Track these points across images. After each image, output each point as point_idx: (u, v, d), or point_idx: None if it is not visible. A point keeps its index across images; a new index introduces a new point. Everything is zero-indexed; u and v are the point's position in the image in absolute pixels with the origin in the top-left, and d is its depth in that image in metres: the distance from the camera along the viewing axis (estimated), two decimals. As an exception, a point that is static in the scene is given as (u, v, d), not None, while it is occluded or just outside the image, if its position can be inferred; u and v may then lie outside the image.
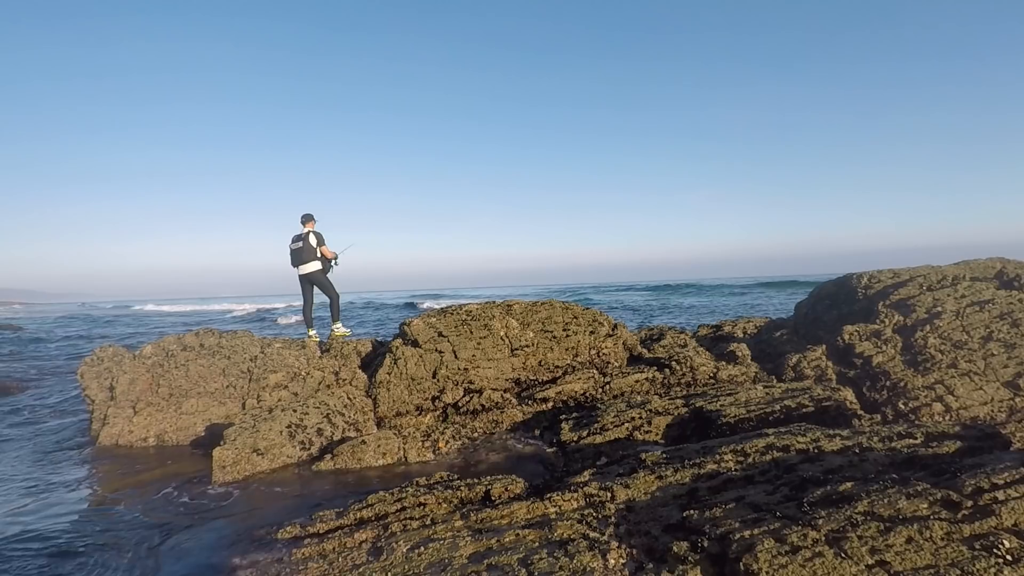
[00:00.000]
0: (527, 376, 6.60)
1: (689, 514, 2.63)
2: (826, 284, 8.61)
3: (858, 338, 6.72)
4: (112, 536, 4.03)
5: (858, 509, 2.33)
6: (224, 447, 5.01)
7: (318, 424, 5.59)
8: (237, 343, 7.21)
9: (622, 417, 5.02)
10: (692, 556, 2.35)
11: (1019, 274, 7.08)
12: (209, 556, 3.66)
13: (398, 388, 6.26)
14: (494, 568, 2.41)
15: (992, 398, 5.57)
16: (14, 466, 5.64)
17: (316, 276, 8.26)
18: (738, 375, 6.48)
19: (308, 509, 4.00)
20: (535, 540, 2.60)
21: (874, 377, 6.21)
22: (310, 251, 8.14)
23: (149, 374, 6.82)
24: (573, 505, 2.97)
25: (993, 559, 1.99)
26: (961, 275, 7.34)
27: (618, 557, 2.45)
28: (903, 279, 7.53)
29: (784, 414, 4.73)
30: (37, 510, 4.51)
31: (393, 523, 2.92)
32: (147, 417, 6.49)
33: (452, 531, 2.77)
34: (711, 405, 4.99)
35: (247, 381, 6.73)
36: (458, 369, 6.41)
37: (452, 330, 6.72)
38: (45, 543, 3.92)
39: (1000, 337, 6.12)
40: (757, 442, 3.29)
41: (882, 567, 2.04)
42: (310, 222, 8.32)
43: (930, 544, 2.10)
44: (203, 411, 6.52)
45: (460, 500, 3.23)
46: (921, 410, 5.56)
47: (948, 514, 2.24)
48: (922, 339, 6.31)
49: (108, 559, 3.70)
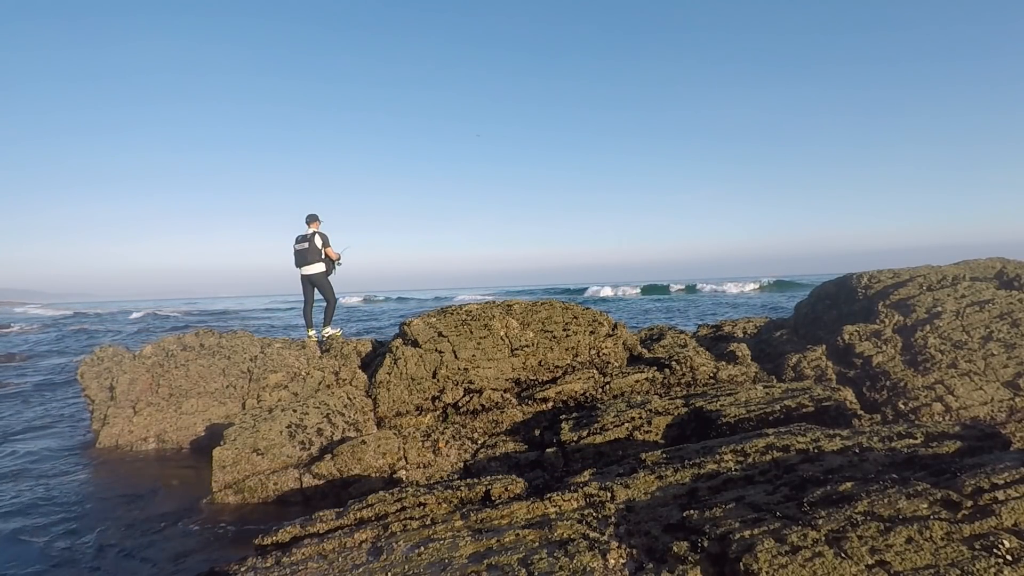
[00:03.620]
0: (527, 376, 6.60)
1: (689, 514, 2.63)
2: (826, 284, 8.62)
3: (858, 338, 6.72)
4: (110, 537, 4.03)
5: (858, 509, 2.33)
6: (224, 447, 5.01)
7: (318, 424, 5.59)
8: (237, 343, 7.22)
9: (622, 417, 5.01)
10: (692, 556, 2.35)
11: (1019, 274, 7.08)
12: (209, 556, 3.66)
13: (398, 388, 6.26)
14: (494, 568, 2.40)
15: (992, 398, 5.57)
16: (14, 466, 5.64)
17: (318, 278, 8.26)
18: (738, 375, 6.48)
19: (308, 509, 4.00)
20: (535, 540, 2.60)
21: (874, 377, 6.22)
22: (315, 252, 8.14)
23: (149, 374, 6.82)
24: (573, 505, 2.96)
25: (993, 559, 1.99)
26: (961, 275, 7.34)
27: (618, 557, 2.45)
28: (903, 279, 7.53)
29: (784, 414, 4.73)
30: (33, 512, 4.51)
31: (393, 523, 2.91)
32: (147, 417, 6.49)
33: (452, 531, 2.77)
34: (711, 405, 4.99)
35: (247, 381, 6.74)
36: (458, 369, 6.41)
37: (452, 330, 6.71)
38: (45, 544, 3.93)
39: (1000, 337, 6.12)
40: (757, 442, 3.29)
41: (882, 567, 2.04)
42: (315, 222, 8.32)
43: (930, 544, 2.10)
44: (203, 411, 6.53)
45: (460, 500, 3.23)
46: (921, 410, 5.57)
47: (948, 514, 2.24)
48: (922, 339, 6.31)
49: (107, 560, 3.70)
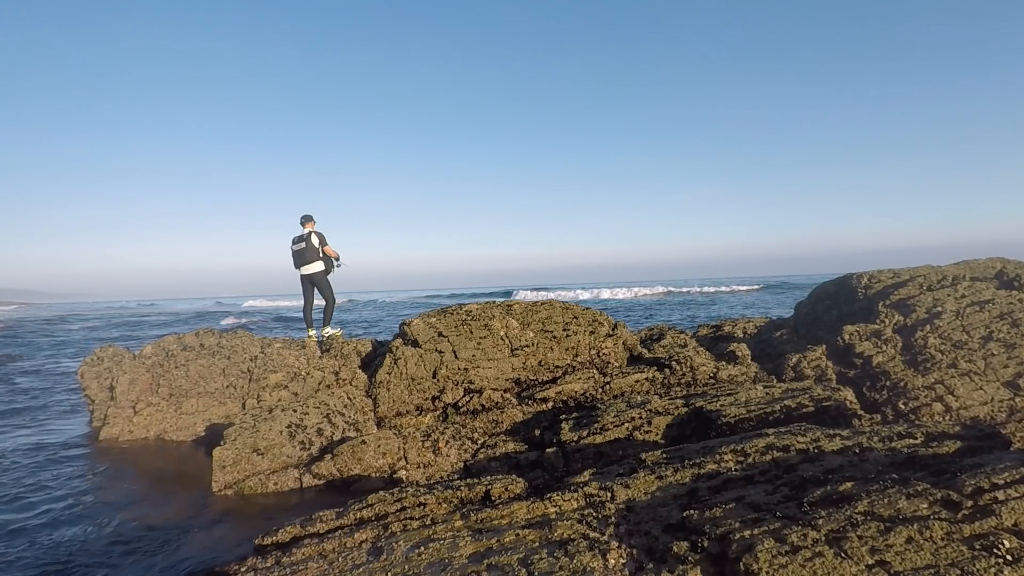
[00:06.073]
0: (527, 376, 6.60)
1: (689, 514, 2.63)
2: (826, 284, 8.61)
3: (858, 338, 6.72)
4: (111, 537, 4.02)
5: (858, 509, 2.33)
6: (224, 447, 5.02)
7: (318, 424, 5.59)
8: (237, 343, 7.22)
9: (622, 417, 5.01)
10: (692, 556, 2.35)
11: (1019, 274, 7.08)
12: (208, 556, 3.66)
13: (398, 388, 6.26)
14: (494, 568, 2.40)
15: (992, 398, 5.57)
16: (14, 467, 5.63)
17: (318, 277, 8.27)
18: (738, 375, 6.48)
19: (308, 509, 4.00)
20: (535, 540, 2.60)
21: (874, 377, 6.21)
22: (313, 251, 8.15)
23: (149, 374, 6.82)
24: (573, 505, 2.96)
25: (993, 559, 1.99)
26: (961, 275, 7.34)
27: (618, 557, 2.45)
28: (903, 279, 7.53)
29: (784, 414, 4.73)
30: (34, 512, 4.50)
31: (393, 523, 2.91)
32: (147, 417, 6.49)
33: (452, 531, 2.77)
34: (711, 405, 4.99)
35: (247, 381, 6.74)
36: (458, 369, 6.41)
37: (452, 330, 6.71)
38: (42, 545, 3.92)
39: (1000, 337, 6.12)
40: (757, 442, 3.29)
41: (882, 567, 2.04)
42: (310, 223, 8.33)
43: (930, 544, 2.10)
44: (203, 411, 6.53)
45: (460, 500, 3.23)
46: (921, 410, 5.56)
47: (948, 514, 2.24)
48: (922, 339, 6.31)
49: (107, 560, 3.70)
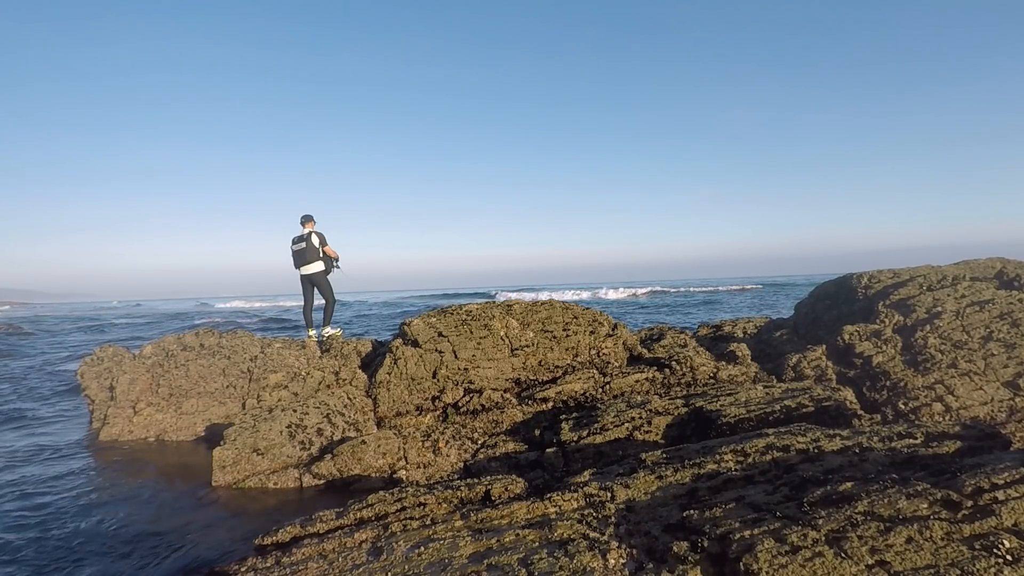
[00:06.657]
0: (527, 376, 6.60)
1: (689, 514, 2.63)
2: (826, 284, 8.62)
3: (858, 338, 6.72)
4: (111, 537, 4.03)
5: (858, 509, 2.33)
6: (224, 447, 5.02)
7: (318, 424, 5.59)
8: (237, 343, 7.22)
9: (622, 417, 5.01)
10: (692, 556, 2.35)
11: (1019, 274, 7.08)
12: (208, 556, 3.66)
13: (398, 388, 6.26)
14: (494, 568, 2.40)
15: (992, 398, 5.57)
16: (13, 468, 5.63)
17: (318, 277, 8.27)
18: (738, 375, 6.48)
19: (308, 509, 4.00)
20: (535, 540, 2.60)
21: (874, 377, 6.21)
22: (313, 251, 8.15)
23: (149, 374, 6.82)
24: (573, 505, 2.96)
25: (993, 559, 1.99)
26: (961, 275, 7.34)
27: (618, 557, 2.45)
28: (903, 279, 7.53)
29: (784, 414, 4.73)
30: (34, 512, 4.51)
31: (393, 523, 2.91)
32: (147, 417, 6.50)
33: (452, 531, 2.77)
34: (711, 405, 4.99)
35: (247, 381, 6.74)
36: (458, 369, 6.41)
37: (452, 330, 6.71)
38: (42, 545, 3.92)
39: (1000, 337, 6.12)
40: (757, 442, 3.29)
41: (882, 567, 2.04)
42: (310, 222, 8.33)
43: (930, 544, 2.10)
44: (203, 411, 6.53)
45: (460, 500, 3.23)
46: (921, 410, 5.57)
47: (948, 514, 2.24)
48: (922, 339, 6.31)
49: (106, 560, 3.70)
